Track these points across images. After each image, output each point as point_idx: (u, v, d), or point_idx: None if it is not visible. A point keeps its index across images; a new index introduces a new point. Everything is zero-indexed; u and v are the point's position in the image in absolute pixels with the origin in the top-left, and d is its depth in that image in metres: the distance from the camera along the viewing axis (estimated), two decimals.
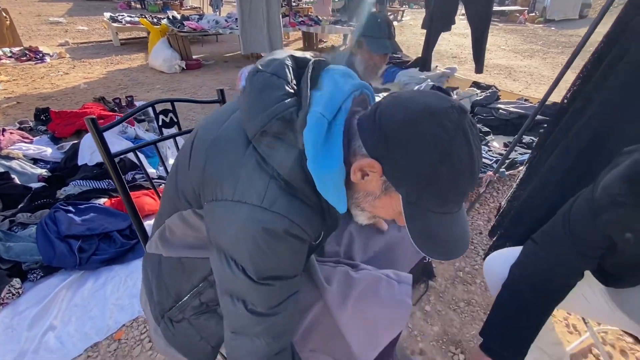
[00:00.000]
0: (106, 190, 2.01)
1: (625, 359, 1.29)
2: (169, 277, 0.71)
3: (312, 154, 0.47)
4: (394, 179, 0.49)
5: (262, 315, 0.53)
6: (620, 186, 0.64)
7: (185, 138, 0.83)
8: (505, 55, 6.76)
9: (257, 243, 0.48)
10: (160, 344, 0.76)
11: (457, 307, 1.46)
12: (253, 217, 0.48)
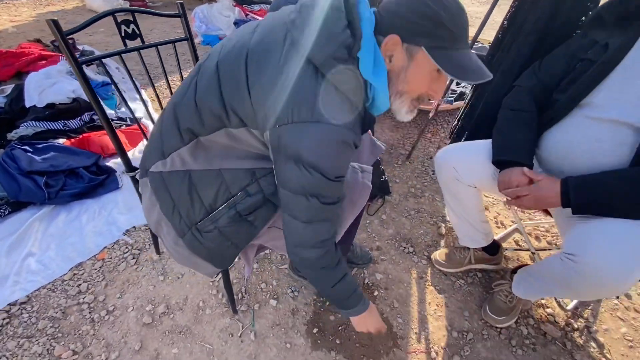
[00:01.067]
0: (63, 130, 1.94)
1: (539, 242, 1.61)
2: (204, 190, 0.76)
3: (373, 71, 0.63)
4: (410, 36, 0.61)
5: (332, 204, 0.69)
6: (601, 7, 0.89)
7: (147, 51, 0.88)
8: (464, 2, 6.82)
9: (335, 152, 0.63)
10: (182, 253, 0.84)
11: (408, 215, 1.69)
12: (332, 132, 0.60)
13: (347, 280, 0.83)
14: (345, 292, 0.85)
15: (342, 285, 0.82)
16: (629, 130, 0.82)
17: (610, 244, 0.79)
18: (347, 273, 0.82)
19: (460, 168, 1.14)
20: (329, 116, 0.60)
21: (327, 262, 0.77)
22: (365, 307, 0.90)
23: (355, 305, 0.88)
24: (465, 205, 1.22)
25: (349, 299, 0.86)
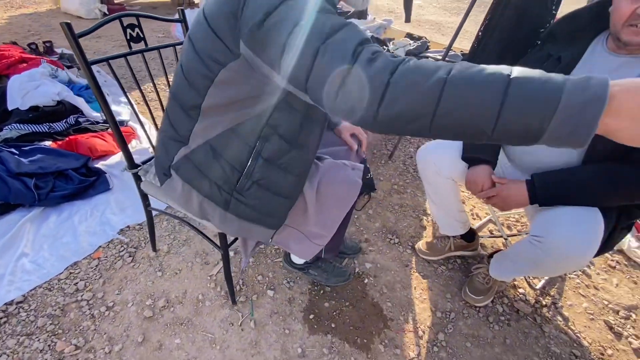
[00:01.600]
0: (48, 133, 1.92)
1: (510, 231, 1.77)
2: (227, 152, 0.80)
3: None
4: None
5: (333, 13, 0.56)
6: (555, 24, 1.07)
7: (150, 55, 0.94)
8: (436, 12, 7.19)
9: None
10: (233, 225, 0.88)
11: (392, 209, 1.81)
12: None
13: (470, 71, 0.45)
14: (480, 88, 0.43)
15: (461, 81, 0.44)
16: None
17: (570, 226, 0.93)
18: (460, 65, 0.47)
19: (439, 163, 1.27)
20: None
21: (394, 59, 0.49)
22: (595, 83, 0.40)
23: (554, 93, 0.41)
24: (444, 196, 1.34)
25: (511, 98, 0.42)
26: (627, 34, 0.86)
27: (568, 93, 0.39)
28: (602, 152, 0.94)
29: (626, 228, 1.05)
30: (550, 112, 0.40)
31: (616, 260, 1.64)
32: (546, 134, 0.41)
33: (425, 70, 0.46)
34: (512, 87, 0.42)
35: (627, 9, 0.83)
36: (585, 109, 0.39)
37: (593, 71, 0.97)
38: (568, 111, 0.39)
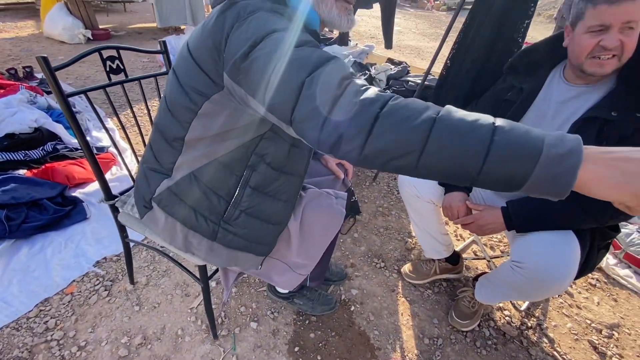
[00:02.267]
0: (24, 161, 1.86)
1: (493, 251, 1.79)
2: (214, 182, 0.79)
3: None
4: None
5: (317, 47, 0.57)
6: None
7: (131, 85, 0.95)
8: (415, 37, 7.53)
9: (277, 18, 0.60)
10: (221, 255, 0.86)
11: (378, 232, 1.81)
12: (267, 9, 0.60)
13: (459, 114, 0.46)
14: (468, 132, 0.44)
15: (450, 122, 0.45)
16: None
17: (547, 252, 0.95)
18: (448, 108, 0.47)
19: (418, 186, 1.29)
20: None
21: (374, 97, 0.48)
22: (572, 139, 0.42)
23: (536, 145, 0.42)
24: (426, 219, 1.36)
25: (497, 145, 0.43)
26: (591, 65, 0.91)
27: (548, 145, 0.41)
28: None
29: (604, 248, 1.08)
30: (534, 162, 0.41)
31: (596, 278, 1.68)
32: (528, 183, 0.42)
33: (415, 108, 0.46)
34: (497, 135, 0.43)
35: (589, 43, 0.89)
36: (564, 160, 0.41)
37: (551, 101, 1.03)
38: (550, 161, 0.41)
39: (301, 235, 0.97)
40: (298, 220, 0.96)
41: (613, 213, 0.94)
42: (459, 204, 1.13)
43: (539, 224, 1.00)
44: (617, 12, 0.83)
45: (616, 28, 0.85)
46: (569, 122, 0.98)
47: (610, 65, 0.89)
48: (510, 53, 1.35)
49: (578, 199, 0.93)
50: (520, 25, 1.29)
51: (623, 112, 0.89)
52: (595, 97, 0.96)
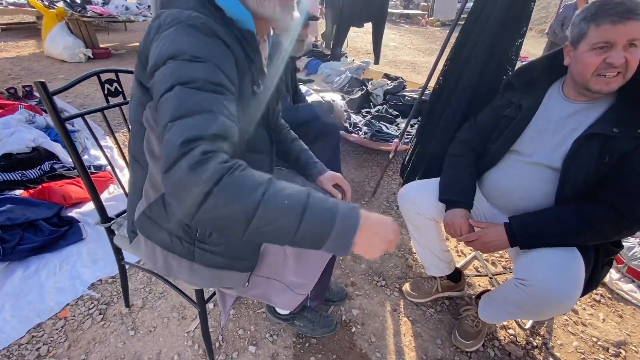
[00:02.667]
0: (20, 181, 1.85)
1: (495, 267, 1.77)
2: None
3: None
4: None
5: (199, 89, 0.55)
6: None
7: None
8: (411, 53, 7.68)
9: (190, 34, 0.59)
10: (203, 276, 0.84)
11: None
12: (178, 23, 0.59)
13: (281, 194, 0.53)
14: (285, 212, 0.53)
15: (274, 195, 0.53)
16: (549, 170, 1.01)
17: (551, 268, 0.93)
18: (273, 185, 0.54)
19: (419, 203, 1.28)
20: (181, 13, 0.61)
21: (223, 166, 0.51)
22: (353, 216, 0.56)
23: (330, 224, 0.54)
24: (427, 236, 1.35)
25: (305, 223, 0.53)
26: (597, 83, 0.91)
27: (338, 223, 0.55)
28: (570, 191, 0.98)
29: (607, 264, 1.07)
30: (329, 231, 0.55)
31: (600, 293, 1.65)
32: (325, 246, 0.56)
33: (245, 188, 0.51)
34: (307, 212, 0.54)
35: (595, 61, 0.89)
36: (347, 232, 0.56)
37: (551, 118, 1.04)
38: (338, 232, 0.55)
39: (298, 253, 0.95)
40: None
41: (617, 229, 0.94)
42: (461, 221, 1.12)
43: (543, 241, 0.99)
44: (621, 31, 0.84)
45: (620, 46, 0.85)
46: (570, 138, 0.98)
47: (616, 82, 0.89)
48: (505, 70, 1.37)
49: (583, 216, 0.93)
50: (514, 44, 1.31)
51: (624, 129, 0.90)
52: (596, 114, 0.97)
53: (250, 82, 0.72)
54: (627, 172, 0.90)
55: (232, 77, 0.62)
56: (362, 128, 2.78)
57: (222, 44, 0.62)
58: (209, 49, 0.59)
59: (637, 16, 0.83)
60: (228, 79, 0.61)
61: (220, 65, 0.60)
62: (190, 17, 0.60)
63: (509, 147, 1.10)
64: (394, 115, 3.18)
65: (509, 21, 1.28)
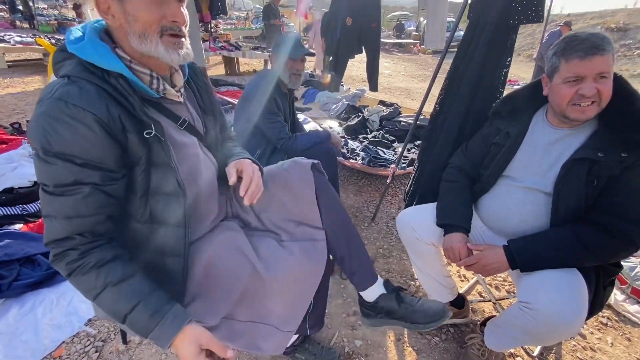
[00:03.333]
0: (21, 215, 1.86)
1: (499, 292, 1.74)
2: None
3: (73, 42, 0.67)
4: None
5: (51, 194, 0.63)
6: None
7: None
8: (405, 79, 7.95)
9: (41, 125, 0.60)
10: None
11: (380, 276, 1.76)
12: (39, 108, 0.61)
13: (117, 291, 0.67)
14: (117, 306, 0.68)
15: (108, 296, 0.67)
16: (542, 194, 1.04)
17: (555, 289, 0.93)
18: (117, 282, 0.68)
19: (418, 228, 1.29)
20: (45, 94, 0.64)
21: (70, 266, 0.67)
22: (172, 328, 0.68)
23: (150, 325, 0.67)
24: (427, 262, 1.34)
25: (132, 317, 0.67)
26: (573, 112, 0.96)
27: (158, 327, 0.68)
28: (563, 214, 1.00)
29: (609, 284, 1.07)
30: (152, 327, 0.67)
31: (606, 316, 1.62)
32: (149, 336, 0.68)
33: (87, 284, 0.68)
34: (134, 312, 0.68)
35: (568, 92, 0.95)
36: (164, 336, 0.68)
37: (538, 144, 1.08)
38: (157, 333, 0.68)
39: (283, 289, 0.92)
40: (276, 274, 0.90)
41: (613, 252, 0.94)
42: (459, 245, 1.12)
43: (543, 263, 0.99)
44: (589, 66, 0.90)
45: (590, 78, 0.91)
46: (558, 163, 1.01)
47: (591, 110, 0.94)
48: (493, 98, 1.43)
49: (579, 239, 0.94)
50: (499, 74, 1.38)
51: (609, 153, 0.93)
52: (581, 139, 1.01)
53: (135, 135, 0.69)
54: (618, 195, 0.92)
55: (96, 156, 0.64)
56: (359, 154, 2.83)
57: (83, 126, 0.62)
58: (64, 144, 0.61)
59: (602, 51, 0.90)
60: (94, 162, 0.64)
61: (78, 154, 0.63)
62: (52, 98, 0.61)
63: (501, 172, 1.13)
64: (391, 140, 3.25)
65: (493, 54, 1.35)
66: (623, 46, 11.24)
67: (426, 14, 3.96)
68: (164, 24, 0.69)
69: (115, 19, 0.68)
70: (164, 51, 0.70)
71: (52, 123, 0.60)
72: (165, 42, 0.70)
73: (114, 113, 0.66)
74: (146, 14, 0.67)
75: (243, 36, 10.78)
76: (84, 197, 0.64)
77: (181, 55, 0.73)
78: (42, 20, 11.34)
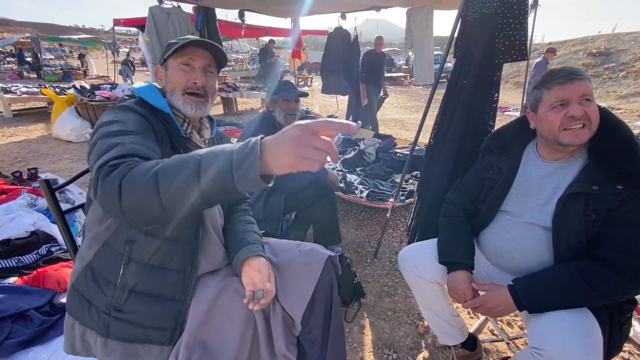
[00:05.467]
0: (16, 268, 1.82)
1: (511, 328, 1.67)
2: (103, 267, 0.80)
3: (140, 90, 0.90)
4: (161, 59, 0.96)
5: (113, 135, 0.72)
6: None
7: None
8: (398, 111, 8.17)
9: (110, 112, 0.81)
10: (116, 354, 0.79)
11: (385, 317, 1.70)
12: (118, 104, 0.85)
13: (172, 159, 0.61)
14: (181, 166, 0.59)
15: (167, 167, 0.59)
16: (540, 229, 1.02)
17: (566, 334, 0.88)
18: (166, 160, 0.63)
19: (420, 266, 1.26)
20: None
21: (128, 166, 0.63)
22: (251, 142, 0.56)
23: (229, 154, 0.57)
24: (433, 301, 1.29)
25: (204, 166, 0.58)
26: (566, 136, 0.96)
27: (236, 153, 0.56)
28: (565, 249, 0.98)
29: (625, 322, 1.01)
30: (229, 167, 0.56)
31: (627, 350, 1.54)
32: (236, 180, 0.55)
33: (143, 170, 0.60)
34: (202, 158, 0.58)
35: (557, 117, 0.96)
36: (247, 158, 0.55)
37: (532, 178, 1.08)
38: (238, 163, 0.55)
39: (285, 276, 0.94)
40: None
41: (621, 290, 0.91)
42: (464, 287, 1.09)
43: (550, 304, 0.95)
44: (571, 89, 0.93)
45: (575, 101, 0.93)
46: (554, 197, 1.01)
47: (585, 134, 0.94)
48: (484, 132, 1.46)
49: (585, 277, 0.91)
50: (489, 109, 1.42)
51: (604, 185, 0.92)
52: (573, 172, 1.00)
53: (169, 149, 0.85)
54: (619, 229, 0.90)
55: (148, 134, 0.79)
56: (357, 187, 2.83)
57: (140, 116, 0.81)
58: (124, 115, 0.79)
59: (580, 76, 0.93)
60: (142, 132, 0.77)
61: (134, 124, 0.77)
62: (117, 104, 0.84)
63: (498, 207, 1.13)
64: (387, 171, 3.28)
65: (480, 91, 1.40)
66: (607, 69, 11.70)
67: (413, 52, 4.17)
68: (187, 85, 0.92)
69: (162, 82, 0.96)
70: (181, 104, 0.92)
71: (120, 111, 0.81)
72: (184, 98, 0.92)
73: (159, 128, 0.85)
74: (176, 78, 0.92)
75: (240, 77, 11.24)
76: (143, 138, 0.75)
77: (193, 110, 0.92)
78: (49, 70, 11.87)
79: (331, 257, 0.97)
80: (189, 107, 0.91)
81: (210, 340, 0.84)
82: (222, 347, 0.84)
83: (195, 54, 0.91)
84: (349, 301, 1.74)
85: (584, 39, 14.52)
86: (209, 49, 0.93)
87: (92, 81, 9.19)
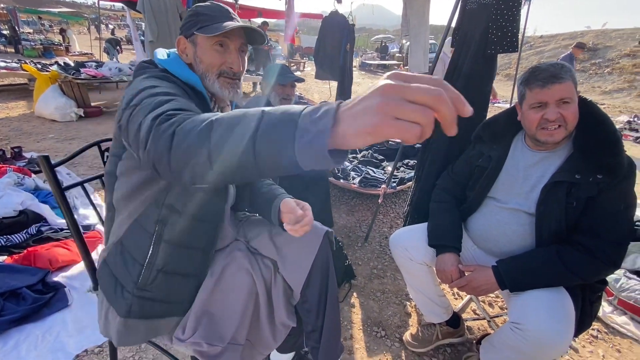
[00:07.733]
0: (4, 247, 1.80)
1: (492, 309, 1.77)
2: (132, 245, 0.81)
3: (164, 61, 0.83)
4: (187, 31, 0.85)
5: (162, 95, 0.66)
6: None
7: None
8: None
9: (148, 79, 0.73)
10: (138, 330, 0.82)
11: (375, 297, 1.77)
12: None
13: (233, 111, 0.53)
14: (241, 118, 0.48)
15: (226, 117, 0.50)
16: (525, 215, 1.09)
17: (544, 310, 0.96)
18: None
19: (410, 248, 1.31)
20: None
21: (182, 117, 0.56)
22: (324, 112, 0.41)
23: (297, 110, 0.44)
24: (421, 282, 1.36)
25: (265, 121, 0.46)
26: (542, 135, 1.04)
27: (303, 116, 0.42)
28: (547, 234, 1.05)
29: (595, 300, 1.10)
30: (292, 131, 0.42)
31: (596, 328, 1.66)
32: (297, 142, 0.41)
33: (199, 119, 0.52)
34: (264, 116, 0.46)
35: (535, 117, 1.03)
36: (317, 124, 0.40)
37: (519, 166, 1.14)
38: (304, 130, 0.41)
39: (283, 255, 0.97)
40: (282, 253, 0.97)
41: (595, 271, 0.99)
42: (452, 268, 1.15)
43: (531, 284, 1.03)
44: (549, 93, 0.99)
45: (552, 104, 0.99)
46: (539, 185, 1.07)
47: (559, 133, 1.01)
48: (476, 121, 1.50)
49: (563, 260, 0.99)
50: (482, 100, 1.46)
51: (585, 175, 0.99)
52: (558, 162, 1.07)
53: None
54: (596, 216, 0.98)
55: (190, 102, 0.74)
56: (350, 173, 2.87)
57: (178, 87, 0.76)
58: (166, 84, 0.74)
59: (560, 80, 0.98)
60: (187, 100, 0.73)
61: (176, 93, 0.71)
62: (147, 73, 0.78)
63: (486, 194, 1.19)
64: (380, 159, 3.32)
65: (474, 80, 1.43)
66: (594, 65, 11.94)
67: (409, 40, 4.15)
68: (222, 69, 0.85)
69: (188, 57, 0.86)
70: (218, 88, 0.86)
71: (157, 79, 0.75)
72: (220, 82, 0.86)
73: (195, 103, 0.78)
74: (209, 59, 0.84)
75: None
76: (189, 104, 0.68)
77: (231, 94, 0.88)
78: (28, 45, 11.31)
79: (328, 233, 1.01)
80: (226, 91, 0.86)
81: (216, 311, 0.89)
82: (226, 317, 0.89)
83: (232, 32, 0.83)
84: (340, 282, 1.80)
85: (573, 34, 14.71)
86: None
87: (75, 58, 8.82)
